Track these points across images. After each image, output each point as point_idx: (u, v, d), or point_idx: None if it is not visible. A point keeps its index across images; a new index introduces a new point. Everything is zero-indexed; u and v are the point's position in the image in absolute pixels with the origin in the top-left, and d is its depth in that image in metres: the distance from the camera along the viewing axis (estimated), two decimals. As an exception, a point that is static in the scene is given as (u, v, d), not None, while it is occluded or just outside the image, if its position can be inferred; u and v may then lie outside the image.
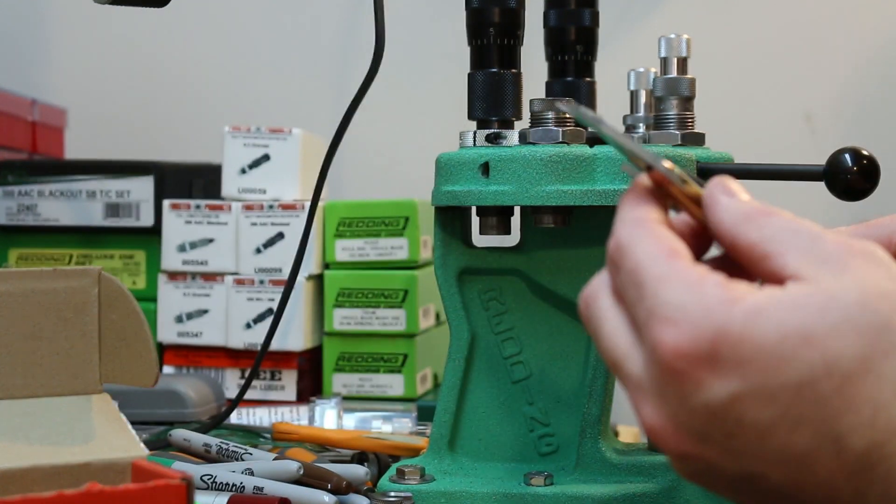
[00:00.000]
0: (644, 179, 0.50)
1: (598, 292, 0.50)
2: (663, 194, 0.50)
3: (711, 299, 0.45)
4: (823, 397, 0.43)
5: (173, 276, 1.08)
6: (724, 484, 0.47)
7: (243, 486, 0.71)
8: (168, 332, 1.07)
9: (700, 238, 0.51)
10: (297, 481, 0.72)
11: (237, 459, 0.79)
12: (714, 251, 0.51)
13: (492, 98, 0.73)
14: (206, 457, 0.82)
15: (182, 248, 1.07)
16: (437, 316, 1.13)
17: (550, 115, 0.71)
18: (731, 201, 0.48)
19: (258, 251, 1.06)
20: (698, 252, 0.50)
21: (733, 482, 0.46)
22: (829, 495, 0.44)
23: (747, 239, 0.47)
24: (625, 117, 0.80)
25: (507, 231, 0.73)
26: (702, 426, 0.45)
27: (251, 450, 0.80)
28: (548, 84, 0.82)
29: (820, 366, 0.43)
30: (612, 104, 0.88)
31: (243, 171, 1.08)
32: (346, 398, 1.04)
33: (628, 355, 0.47)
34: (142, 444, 0.56)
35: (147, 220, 1.11)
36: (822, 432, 0.43)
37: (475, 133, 0.72)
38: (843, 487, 0.44)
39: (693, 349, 0.44)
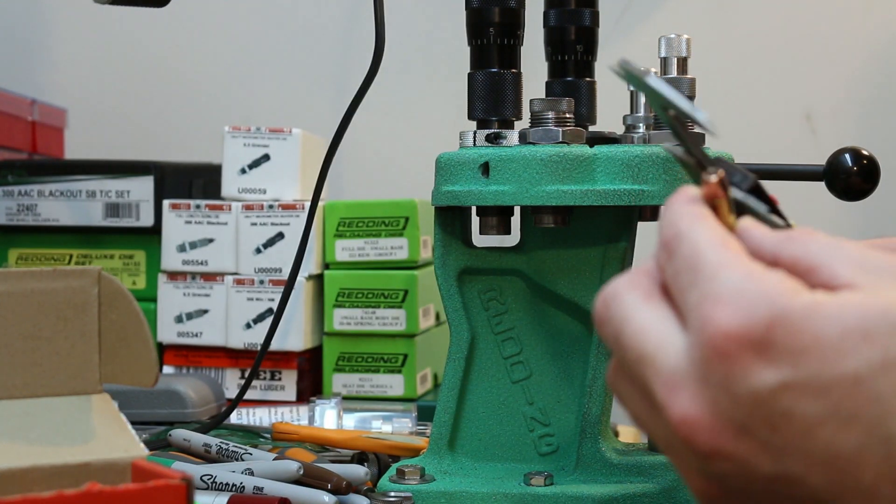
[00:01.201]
0: (705, 182, 0.49)
1: (622, 291, 0.47)
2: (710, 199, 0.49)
3: (771, 287, 0.43)
4: (880, 395, 0.41)
5: (173, 276, 1.08)
6: (756, 489, 0.44)
7: (243, 486, 0.71)
8: (168, 332, 1.07)
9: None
10: (297, 481, 0.72)
11: (237, 459, 0.79)
12: None
13: (492, 98, 0.73)
14: (206, 457, 0.82)
15: (182, 248, 1.07)
16: (437, 316, 1.13)
17: (550, 114, 0.71)
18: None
19: (258, 251, 1.06)
20: None
21: (767, 486, 0.44)
22: (868, 502, 0.42)
23: (792, 253, 0.45)
24: (625, 117, 0.80)
25: (507, 231, 0.73)
26: (745, 416, 0.42)
27: (251, 450, 0.80)
28: (548, 84, 0.82)
29: (879, 363, 0.41)
30: (612, 104, 0.88)
31: (243, 171, 1.08)
32: (346, 398, 1.04)
33: (661, 346, 0.45)
34: (142, 444, 0.56)
35: (147, 220, 1.11)
36: (873, 432, 0.41)
37: (475, 133, 0.72)
38: (887, 495, 0.42)
39: (746, 331, 0.42)
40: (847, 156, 0.67)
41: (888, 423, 0.41)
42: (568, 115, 0.71)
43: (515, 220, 0.74)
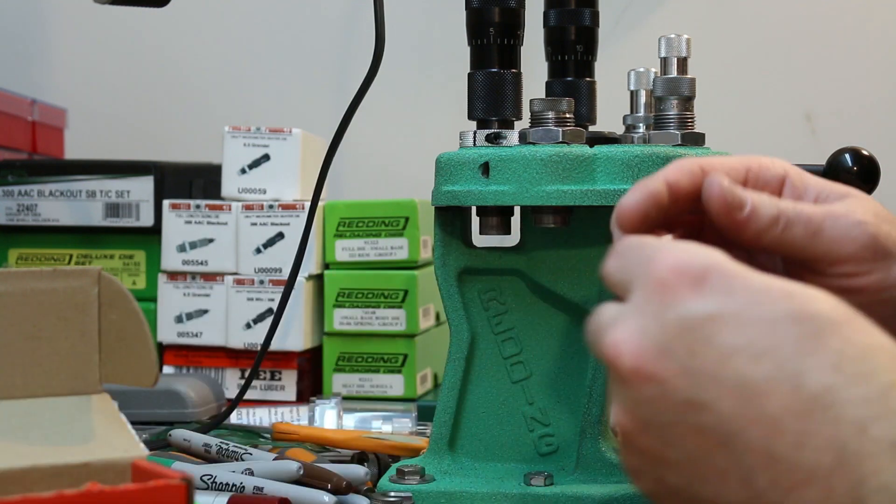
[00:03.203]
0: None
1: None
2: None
3: (711, 250, 0.49)
4: (795, 337, 0.46)
5: (173, 276, 1.08)
6: (669, 419, 0.47)
7: (243, 486, 0.71)
8: (168, 332, 1.07)
9: None
10: (297, 481, 0.72)
11: (237, 459, 0.79)
12: None
13: (492, 98, 0.73)
14: (206, 457, 0.82)
15: (182, 248, 1.07)
16: (437, 316, 1.13)
17: (550, 114, 0.71)
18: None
19: (258, 251, 1.06)
20: None
21: (679, 414, 0.47)
22: (770, 435, 0.45)
23: None
24: (625, 117, 0.80)
25: (507, 231, 0.73)
26: (668, 340, 0.47)
27: (251, 450, 0.80)
28: (548, 84, 0.82)
29: (797, 313, 0.46)
30: (612, 104, 0.88)
31: (243, 171, 1.08)
32: (346, 398, 1.04)
33: (606, 307, 0.50)
34: (142, 444, 0.56)
35: (147, 220, 1.11)
36: (783, 367, 0.45)
37: (475, 133, 0.72)
38: (788, 428, 0.45)
39: (686, 267, 0.48)
40: (847, 156, 0.67)
41: (798, 361, 0.45)
42: (568, 115, 0.71)
43: (515, 220, 0.74)
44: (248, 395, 0.98)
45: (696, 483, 0.47)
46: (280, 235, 1.06)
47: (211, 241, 1.07)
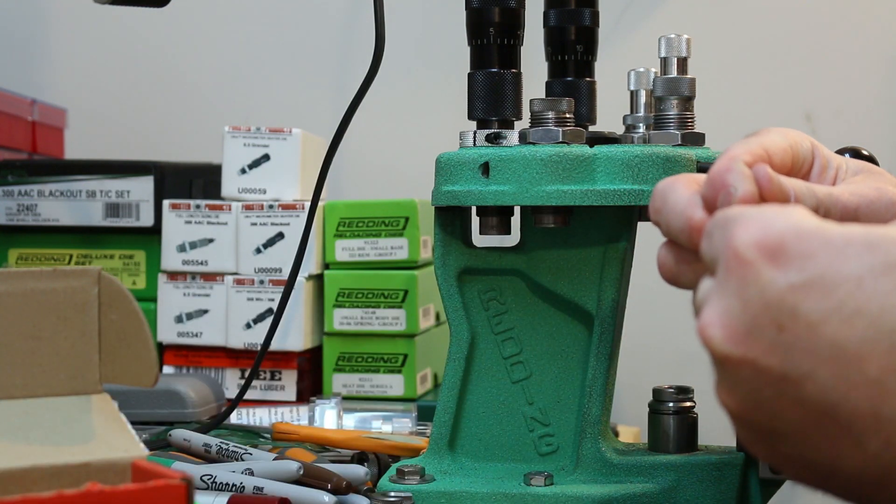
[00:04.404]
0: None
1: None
2: None
3: (789, 209, 0.48)
4: (883, 292, 0.44)
5: (173, 276, 1.08)
6: (768, 395, 0.46)
7: (243, 486, 0.71)
8: (168, 332, 1.07)
9: None
10: (297, 481, 0.72)
11: (237, 459, 0.79)
12: None
13: (492, 98, 0.72)
14: (206, 457, 0.82)
15: (182, 248, 1.07)
16: (437, 316, 1.13)
17: (550, 114, 0.71)
18: None
19: (258, 251, 1.06)
20: None
21: (777, 389, 0.46)
22: (875, 398, 0.44)
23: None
24: (625, 117, 0.80)
25: (507, 231, 0.73)
26: (753, 318, 0.46)
27: (251, 450, 0.80)
28: (548, 84, 0.82)
29: (881, 266, 0.44)
30: (612, 104, 0.88)
31: (243, 171, 1.08)
32: (346, 398, 1.04)
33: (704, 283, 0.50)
34: (142, 444, 0.56)
35: (147, 220, 1.11)
36: (877, 325, 0.44)
37: (475, 133, 0.72)
38: (893, 388, 0.43)
39: (763, 240, 0.46)
40: (847, 156, 0.67)
41: (891, 317, 0.43)
42: (568, 115, 0.71)
43: (515, 220, 0.74)
44: (248, 395, 0.98)
45: (810, 451, 0.47)
46: (280, 235, 1.06)
47: (211, 241, 1.07)
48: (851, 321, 0.44)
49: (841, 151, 0.67)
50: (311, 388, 1.07)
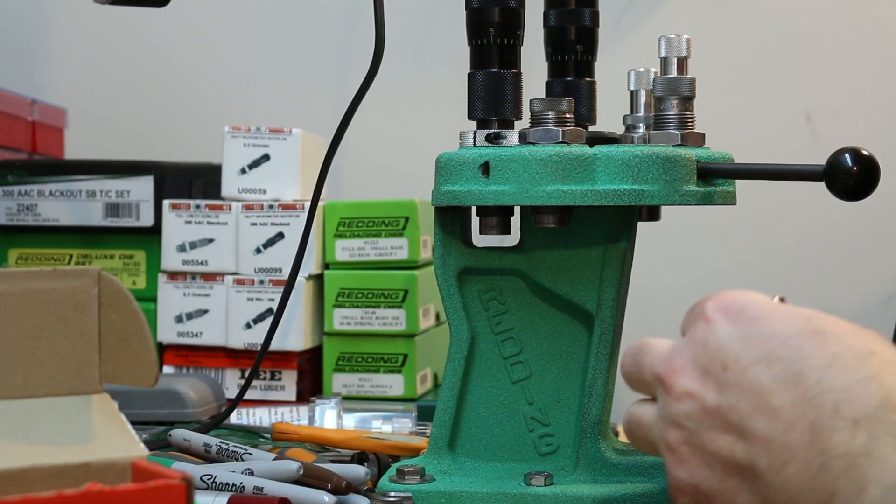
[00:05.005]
0: None
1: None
2: None
3: (754, 293, 0.59)
4: (801, 346, 0.55)
5: (173, 276, 1.08)
6: (706, 425, 0.56)
7: (243, 486, 0.71)
8: (168, 332, 1.07)
9: None
10: (297, 481, 0.72)
11: (237, 459, 0.79)
12: None
13: (492, 98, 0.73)
14: (206, 457, 0.82)
15: (182, 248, 1.07)
16: (437, 316, 1.13)
17: (550, 114, 0.71)
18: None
19: (258, 251, 1.06)
20: None
21: (713, 419, 0.56)
22: (770, 423, 0.54)
23: None
24: (625, 117, 0.80)
25: (507, 231, 0.73)
26: (708, 361, 0.57)
27: (251, 450, 0.80)
28: (548, 84, 0.82)
29: (810, 331, 0.55)
30: (612, 104, 0.88)
31: (243, 171, 1.08)
32: (346, 398, 1.04)
33: (659, 342, 0.61)
34: (142, 444, 0.56)
35: (147, 220, 1.11)
36: (789, 368, 0.54)
37: (475, 133, 0.72)
38: (784, 416, 0.53)
39: (727, 305, 0.58)
40: (847, 156, 0.67)
41: (800, 364, 0.54)
42: (568, 115, 0.71)
43: (515, 220, 0.74)
44: (248, 395, 0.98)
45: (722, 484, 0.56)
46: (280, 235, 1.06)
47: (211, 241, 1.07)
48: (772, 365, 0.55)
49: (841, 151, 0.67)
50: (311, 388, 1.07)
